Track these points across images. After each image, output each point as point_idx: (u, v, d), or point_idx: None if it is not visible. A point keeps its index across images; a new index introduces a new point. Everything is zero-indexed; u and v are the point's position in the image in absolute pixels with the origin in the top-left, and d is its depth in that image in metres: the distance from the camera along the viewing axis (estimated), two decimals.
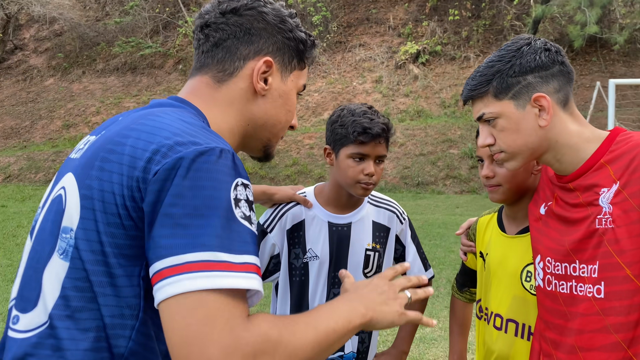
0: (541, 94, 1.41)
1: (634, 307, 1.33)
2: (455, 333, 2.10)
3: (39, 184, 15.20)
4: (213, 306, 0.83)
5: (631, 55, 17.03)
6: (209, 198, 0.88)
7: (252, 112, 1.16)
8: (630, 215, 1.33)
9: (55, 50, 21.57)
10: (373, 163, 1.85)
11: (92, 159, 0.98)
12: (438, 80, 17.90)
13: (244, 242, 0.90)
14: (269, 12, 1.15)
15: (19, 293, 1.01)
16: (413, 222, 2.17)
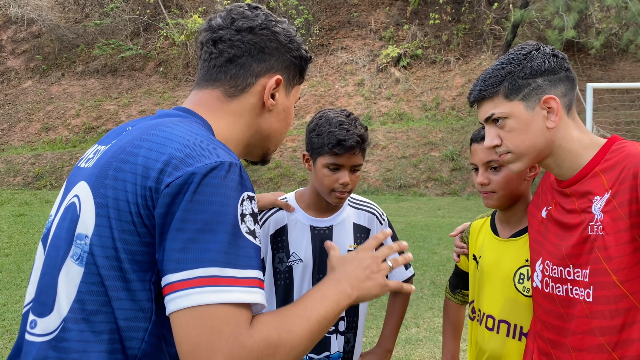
0: (551, 96, 1.46)
1: (618, 312, 1.38)
2: (448, 334, 2.14)
3: (17, 187, 14.98)
4: (220, 318, 0.90)
5: (607, 59, 17.37)
6: (217, 214, 0.94)
7: (258, 125, 1.24)
8: (618, 223, 1.37)
9: (34, 52, 21.27)
10: (348, 172, 1.88)
11: (105, 168, 1.02)
12: (419, 83, 18.05)
13: (248, 257, 0.96)
14: (281, 32, 1.22)
15: (36, 298, 1.04)
16: (396, 225, 2.23)
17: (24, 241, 8.56)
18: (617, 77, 16.68)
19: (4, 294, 5.91)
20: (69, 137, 17.60)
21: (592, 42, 15.01)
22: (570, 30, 13.94)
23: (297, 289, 1.95)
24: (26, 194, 14.03)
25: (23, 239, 8.69)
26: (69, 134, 17.72)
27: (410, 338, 4.68)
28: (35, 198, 13.38)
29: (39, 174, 15.31)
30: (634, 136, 13.73)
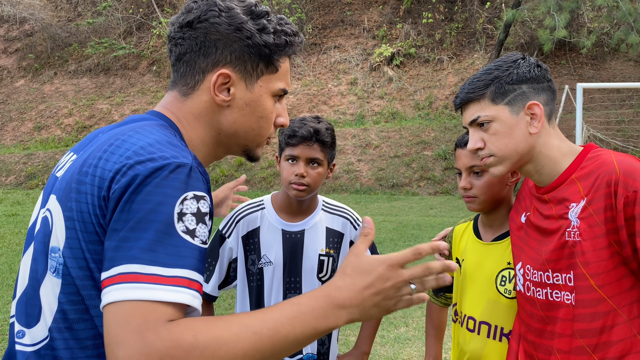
0: (535, 102, 1.52)
1: (597, 315, 1.43)
2: (431, 336, 2.19)
3: (10, 187, 14.95)
4: (131, 313, 0.87)
5: (599, 58, 17.48)
6: (150, 212, 0.92)
7: (219, 122, 1.17)
8: (595, 229, 1.43)
9: (26, 51, 21.20)
10: (304, 165, 1.94)
11: (70, 182, 1.03)
12: (412, 82, 18.11)
13: (179, 255, 0.92)
14: (222, 23, 1.12)
15: (23, 309, 1.08)
16: (387, 224, 2.28)
17: (16, 241, 8.56)
18: (609, 77, 16.79)
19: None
20: (61, 136, 17.56)
21: (584, 41, 15.10)
22: (561, 29, 14.02)
23: (268, 291, 1.99)
24: (18, 193, 14.01)
25: (15, 239, 8.69)
26: (61, 133, 17.68)
27: (399, 337, 4.73)
28: (27, 198, 13.36)
29: (32, 173, 15.28)
30: (624, 135, 13.83)
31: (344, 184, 14.17)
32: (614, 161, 1.44)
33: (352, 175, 14.44)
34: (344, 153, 15.16)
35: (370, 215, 10.74)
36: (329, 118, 17.05)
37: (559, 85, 15.75)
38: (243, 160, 14.99)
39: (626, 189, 1.38)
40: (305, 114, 17.32)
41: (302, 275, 2.01)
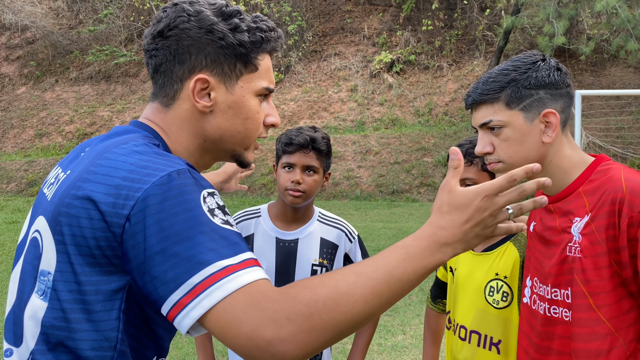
0: (552, 110, 1.43)
1: (595, 336, 1.38)
2: (428, 341, 2.22)
3: (11, 194, 14.98)
4: (233, 305, 0.88)
5: (598, 65, 17.51)
6: (186, 221, 0.91)
7: (204, 129, 1.14)
8: (596, 247, 1.37)
9: (28, 59, 21.29)
10: (300, 172, 1.99)
11: (59, 205, 1.00)
12: (412, 89, 18.15)
13: (234, 243, 0.93)
14: (192, 27, 1.09)
15: (12, 328, 1.08)
16: (387, 231, 2.30)
17: (15, 248, 8.59)
18: (608, 83, 16.82)
19: None
20: (62, 143, 17.61)
21: (583, 48, 15.15)
22: (560, 36, 14.07)
23: None
24: (19, 200, 14.04)
25: (15, 247, 8.71)
26: (62, 140, 17.73)
27: (396, 345, 4.73)
28: (28, 205, 13.38)
29: (32, 180, 15.32)
30: (623, 142, 13.85)
31: (344, 191, 14.18)
32: (622, 178, 1.37)
33: (352, 182, 14.45)
34: (344, 159, 15.19)
35: (369, 222, 10.75)
36: (329, 124, 17.09)
37: None
38: None
39: (631, 208, 1.32)
40: (306, 120, 17.36)
41: None
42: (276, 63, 19.60)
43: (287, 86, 19.05)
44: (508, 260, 1.84)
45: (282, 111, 17.88)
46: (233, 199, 13.94)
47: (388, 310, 5.70)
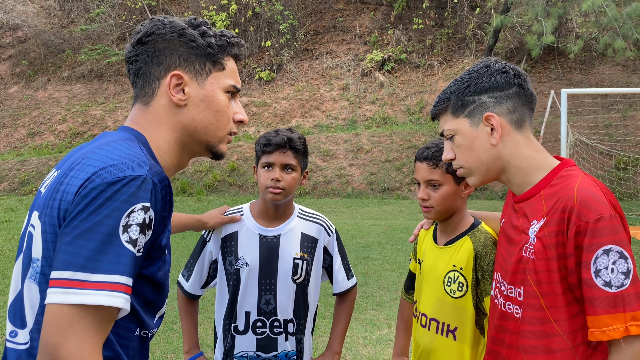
0: (490, 114, 1.50)
1: (542, 334, 1.46)
2: (400, 330, 2.36)
3: (3, 193, 15.01)
4: (63, 317, 1.03)
5: (587, 63, 17.70)
6: (97, 223, 1.05)
7: (181, 122, 1.29)
8: (547, 251, 1.44)
9: (19, 58, 21.27)
10: (279, 170, 2.11)
11: (47, 199, 1.18)
12: (403, 87, 18.28)
13: (117, 263, 1.05)
14: (167, 32, 1.28)
15: (17, 312, 1.22)
16: (377, 228, 2.43)
17: (9, 247, 8.64)
18: (597, 81, 17.00)
19: None
20: (55, 142, 17.63)
21: (571, 46, 15.31)
22: (549, 35, 14.22)
23: (242, 290, 2.14)
24: (12, 200, 14.07)
25: (8, 245, 8.77)
26: (55, 140, 17.75)
27: (381, 338, 4.86)
28: (21, 204, 13.43)
29: (25, 179, 15.35)
30: (611, 139, 14.03)
31: (335, 189, 14.30)
32: (575, 187, 1.43)
33: (344, 180, 14.57)
34: (335, 158, 15.31)
35: (359, 220, 10.88)
36: (321, 123, 17.20)
37: (547, 90, 15.97)
38: (236, 165, 15.11)
39: (579, 218, 1.38)
40: (298, 119, 17.46)
41: (277, 278, 2.15)
42: (268, 62, 19.69)
43: (279, 85, 19.14)
44: (464, 253, 1.98)
45: (274, 110, 17.97)
46: (226, 197, 14.04)
47: (374, 305, 5.83)
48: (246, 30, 20.39)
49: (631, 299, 1.34)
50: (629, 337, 1.34)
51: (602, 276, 1.36)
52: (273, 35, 20.00)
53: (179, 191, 14.45)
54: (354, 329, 5.07)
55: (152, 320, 1.26)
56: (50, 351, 1.01)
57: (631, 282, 1.35)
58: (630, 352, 1.34)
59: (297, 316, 2.18)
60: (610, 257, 1.36)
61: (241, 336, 2.14)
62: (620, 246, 1.36)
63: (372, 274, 6.95)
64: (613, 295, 1.35)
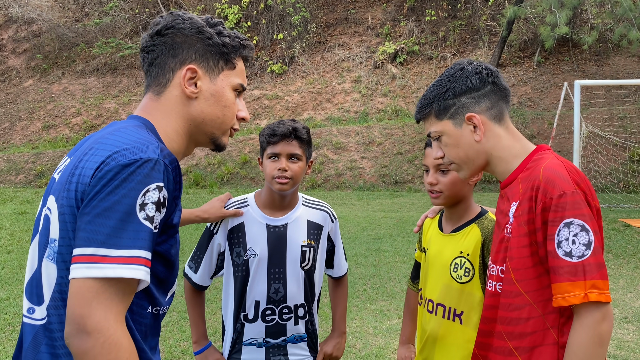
0: (472, 114, 1.63)
1: (515, 306, 1.58)
2: (407, 318, 2.41)
3: (20, 185, 15.23)
4: (88, 290, 1.12)
5: (602, 54, 17.51)
6: (115, 203, 1.14)
7: (190, 113, 1.38)
8: (520, 228, 1.56)
9: (34, 51, 21.50)
10: (285, 160, 2.14)
11: (63, 183, 1.26)
12: (416, 79, 18.22)
13: (136, 238, 1.14)
14: (186, 27, 1.36)
15: (34, 290, 1.30)
16: (388, 220, 2.49)
17: (25, 238, 8.80)
18: (612, 73, 16.82)
19: (6, 289, 6.15)
20: (69, 135, 17.83)
21: (585, 38, 15.15)
22: (562, 26, 14.08)
23: (252, 280, 2.18)
24: (28, 192, 14.28)
25: (24, 236, 8.93)
26: (69, 133, 17.95)
27: (391, 328, 4.90)
28: (36, 196, 13.62)
29: (40, 172, 15.56)
30: (625, 131, 13.90)
31: (347, 181, 14.33)
32: (541, 167, 1.55)
33: (356, 172, 14.59)
34: (347, 150, 15.32)
35: (371, 212, 10.91)
36: (332, 116, 17.21)
37: (561, 81, 15.83)
38: (248, 157, 15.18)
39: (545, 195, 1.50)
40: (310, 112, 17.49)
41: (286, 266, 2.19)
42: (280, 54, 19.71)
43: (290, 77, 19.16)
44: (472, 239, 2.02)
45: (286, 102, 18.01)
46: (238, 189, 14.13)
47: (384, 295, 5.87)
48: (258, 22, 20.41)
49: (592, 268, 1.44)
50: (589, 303, 1.43)
51: (563, 247, 1.46)
52: (285, 27, 20.00)
53: (192, 183, 14.57)
54: (365, 319, 5.12)
55: (164, 298, 1.34)
56: (78, 321, 1.09)
57: (592, 252, 1.45)
58: (590, 319, 1.43)
59: (307, 300, 2.24)
60: (572, 230, 1.46)
61: (250, 324, 2.18)
62: (581, 220, 1.46)
63: (383, 266, 7.00)
64: (574, 265, 1.44)
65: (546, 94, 16.57)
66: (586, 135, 12.45)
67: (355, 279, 6.44)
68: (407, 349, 2.34)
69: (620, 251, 7.78)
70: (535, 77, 17.34)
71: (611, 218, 9.53)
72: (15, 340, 4.71)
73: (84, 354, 1.09)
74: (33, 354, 1.25)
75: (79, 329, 1.09)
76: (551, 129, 12.82)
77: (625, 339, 4.76)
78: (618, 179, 12.67)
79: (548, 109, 15.75)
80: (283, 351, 2.21)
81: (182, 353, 4.45)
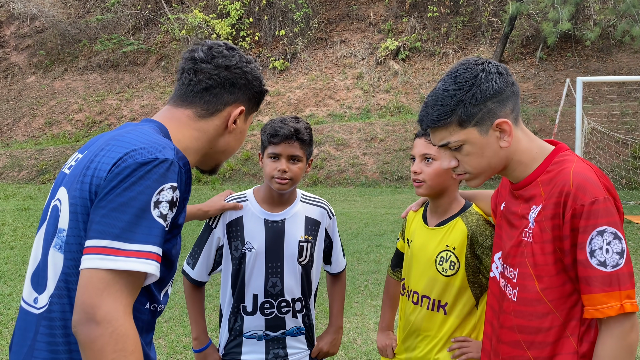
0: (504, 120, 1.50)
1: (537, 315, 1.53)
2: (386, 306, 2.45)
3: (22, 182, 15.28)
4: (100, 280, 1.16)
5: (605, 50, 17.47)
6: (131, 199, 1.19)
7: (218, 141, 1.52)
8: (544, 234, 1.50)
9: (37, 48, 21.53)
10: (286, 161, 2.15)
11: (77, 175, 1.30)
12: (418, 76, 18.21)
13: (149, 234, 1.19)
14: (249, 72, 1.52)
15: (37, 280, 1.34)
16: (389, 217, 2.51)
17: (28, 234, 8.83)
18: (614, 69, 16.79)
19: (10, 285, 6.18)
20: (72, 131, 17.87)
21: (588, 34, 15.12)
22: (565, 22, 14.06)
23: (249, 274, 2.20)
24: (30, 188, 14.33)
25: (27, 232, 8.97)
26: (72, 129, 17.99)
27: None
28: (39, 192, 13.67)
29: (43, 168, 15.60)
30: (628, 128, 13.88)
31: (349, 178, 14.35)
32: (570, 172, 1.47)
33: (358, 169, 14.61)
34: (349, 147, 15.33)
35: (372, 208, 10.93)
36: (334, 112, 17.22)
37: (564, 77, 15.82)
38: (250, 154, 15.21)
39: (575, 201, 1.43)
40: (312, 108, 17.50)
41: (283, 261, 2.21)
42: (282, 51, 19.71)
43: (292, 74, 19.16)
44: (458, 234, 2.05)
45: (287, 99, 18.02)
46: (240, 186, 14.16)
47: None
48: (260, 19, 20.41)
49: (625, 278, 1.40)
50: (622, 314, 1.40)
51: (597, 256, 1.41)
52: (287, 24, 20.00)
53: (195, 180, 14.60)
54: (365, 315, 5.14)
55: (160, 297, 1.38)
56: (87, 310, 1.13)
57: (625, 261, 1.41)
58: (620, 329, 1.40)
59: (304, 294, 2.27)
60: (605, 238, 1.41)
61: (250, 317, 2.21)
62: (614, 227, 1.41)
63: (384, 262, 7.01)
64: (608, 275, 1.40)
65: (548, 91, 16.55)
66: (588, 132, 12.44)
67: (356, 275, 6.46)
68: (387, 336, 2.37)
69: None
70: (538, 74, 17.32)
71: None
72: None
73: (91, 343, 1.12)
74: (32, 342, 1.28)
75: (88, 318, 1.12)
76: (553, 126, 12.81)
77: None
78: (620, 176, 12.66)
79: (550, 105, 15.73)
80: (282, 344, 2.24)
81: (184, 348, 4.48)
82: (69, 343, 1.25)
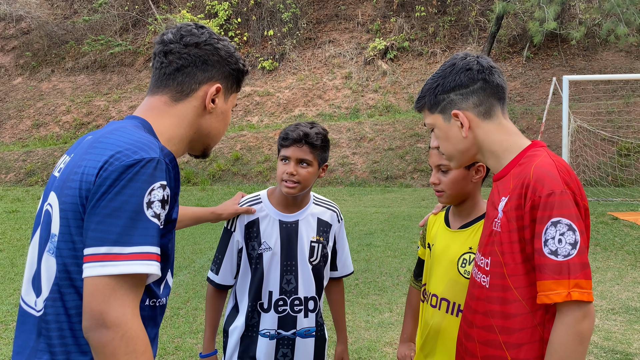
0: (456, 111, 1.66)
1: (505, 300, 1.59)
2: (408, 316, 2.44)
3: (10, 184, 15.16)
4: (104, 286, 1.18)
5: (590, 49, 17.65)
6: (124, 202, 1.20)
7: (200, 124, 1.49)
8: (510, 224, 1.57)
9: (23, 49, 21.34)
10: (294, 164, 2.19)
11: (65, 180, 1.32)
12: (406, 75, 18.28)
13: (146, 235, 1.21)
14: (222, 48, 1.48)
15: (36, 283, 1.35)
16: (379, 215, 2.56)
17: (16, 237, 8.78)
18: (600, 67, 16.97)
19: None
20: (59, 133, 17.75)
21: (573, 33, 15.26)
22: (551, 22, 14.18)
23: (266, 272, 2.26)
24: (18, 190, 14.22)
25: (16, 235, 8.91)
26: (59, 130, 17.86)
27: (382, 322, 4.97)
28: (27, 194, 13.57)
29: (31, 170, 15.49)
30: (614, 125, 14.04)
31: (339, 177, 14.38)
32: (532, 165, 1.56)
33: (347, 169, 14.65)
34: (338, 146, 15.37)
35: (362, 207, 10.97)
36: (323, 112, 17.25)
37: (550, 76, 15.95)
38: (239, 154, 15.19)
39: (534, 193, 1.51)
40: (301, 108, 17.51)
41: (297, 259, 2.28)
42: (271, 51, 19.70)
43: (281, 74, 19.17)
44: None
45: (277, 99, 18.01)
46: (230, 186, 14.15)
47: (376, 290, 5.94)
48: (248, 19, 20.39)
49: (576, 267, 1.46)
50: (571, 302, 1.45)
51: (549, 245, 1.48)
52: (275, 24, 19.99)
53: (184, 181, 14.55)
54: (357, 313, 5.18)
55: (159, 290, 1.40)
56: (97, 317, 1.15)
57: (577, 252, 1.46)
58: (571, 317, 1.45)
59: (318, 293, 2.34)
60: (558, 229, 1.48)
61: (265, 314, 2.26)
62: (569, 219, 1.48)
63: (375, 260, 7.06)
64: (559, 263, 1.46)
65: (535, 89, 16.69)
66: (575, 130, 12.58)
67: None
68: (408, 347, 2.37)
69: (608, 244, 7.89)
70: (524, 73, 17.46)
71: (599, 211, 9.65)
72: (9, 337, 4.73)
73: (103, 347, 1.15)
74: (34, 344, 1.31)
75: (98, 324, 1.15)
76: (540, 124, 12.94)
77: (613, 330, 4.85)
78: (606, 173, 12.81)
79: (537, 103, 15.86)
80: (291, 345, 2.28)
81: (175, 349, 4.49)
82: (65, 345, 1.27)
